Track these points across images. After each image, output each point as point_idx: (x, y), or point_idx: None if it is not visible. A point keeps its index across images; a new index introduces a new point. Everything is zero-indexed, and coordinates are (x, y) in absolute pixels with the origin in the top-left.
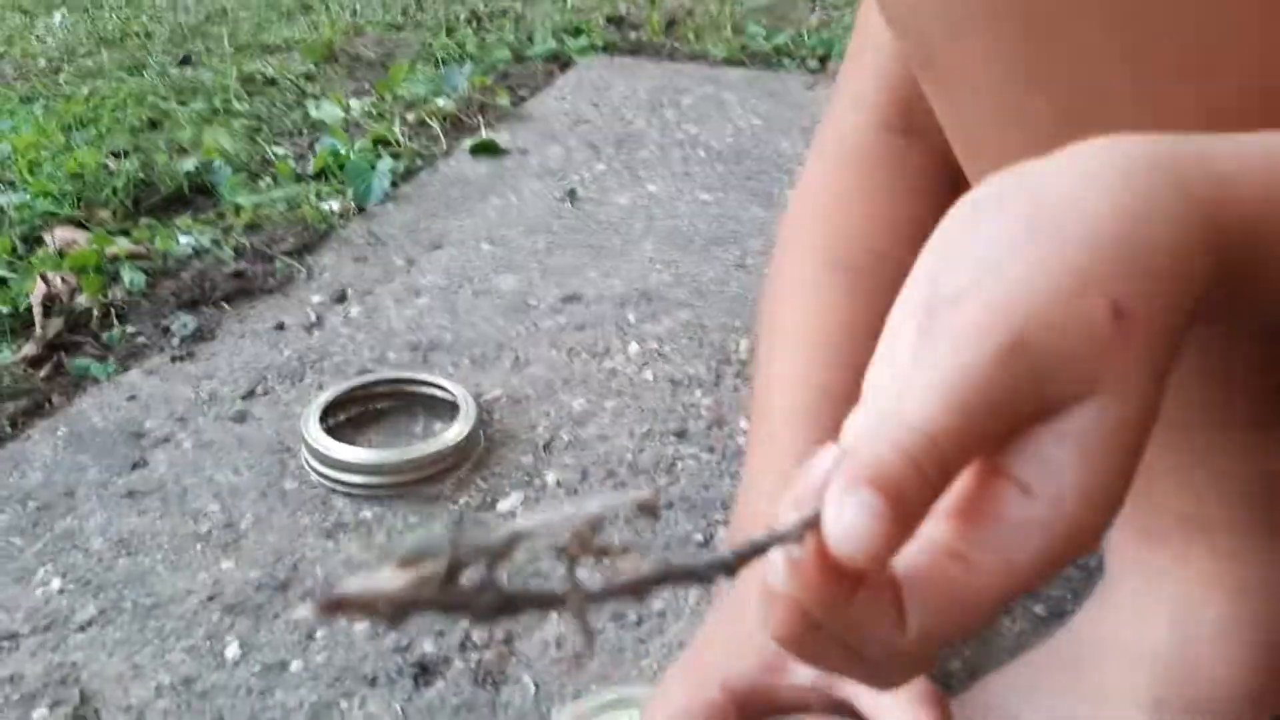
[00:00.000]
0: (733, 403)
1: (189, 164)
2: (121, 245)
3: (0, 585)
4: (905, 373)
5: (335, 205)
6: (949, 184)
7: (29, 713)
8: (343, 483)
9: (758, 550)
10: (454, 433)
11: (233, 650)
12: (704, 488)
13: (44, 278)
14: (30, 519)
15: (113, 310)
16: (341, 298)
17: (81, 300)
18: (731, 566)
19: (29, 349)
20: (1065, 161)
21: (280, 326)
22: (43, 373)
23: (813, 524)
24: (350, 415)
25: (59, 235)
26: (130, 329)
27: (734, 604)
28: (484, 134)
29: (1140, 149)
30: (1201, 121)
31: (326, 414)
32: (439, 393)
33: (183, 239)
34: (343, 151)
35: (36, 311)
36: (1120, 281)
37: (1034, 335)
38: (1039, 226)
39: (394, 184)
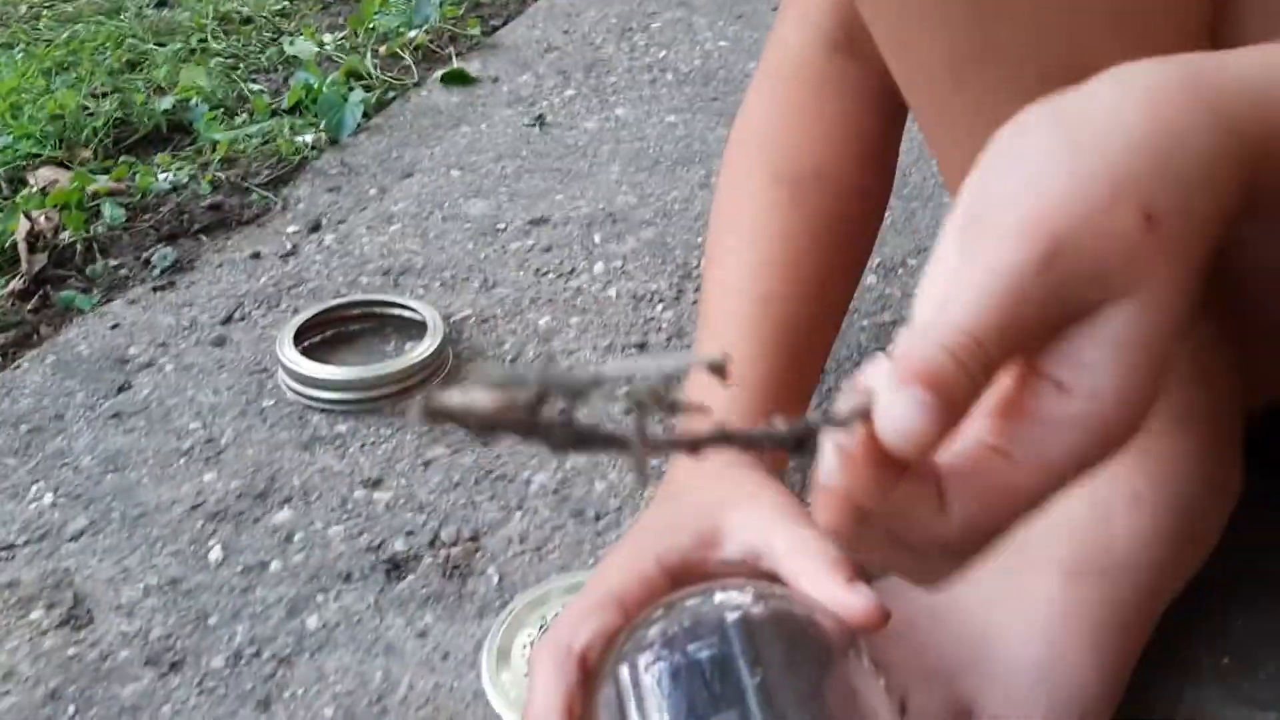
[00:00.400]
0: (692, 315)
1: (166, 103)
2: (102, 183)
3: None
4: (949, 281)
5: (309, 138)
6: (890, 102)
7: (28, 614)
8: (318, 399)
9: (810, 429)
10: (422, 349)
11: (215, 553)
12: None
13: (28, 215)
14: (22, 441)
15: (95, 245)
16: (316, 227)
17: (65, 236)
18: (784, 440)
19: (16, 284)
20: (1101, 85)
21: (256, 256)
22: (30, 305)
23: (862, 414)
24: (324, 336)
25: (41, 175)
26: (112, 262)
27: (669, 493)
28: (455, 64)
29: (1174, 68)
30: (1108, 18)
31: (301, 336)
32: (408, 313)
33: (161, 175)
34: (316, 85)
35: (22, 248)
36: (1154, 191)
37: (1069, 242)
38: (1076, 142)
39: (366, 115)
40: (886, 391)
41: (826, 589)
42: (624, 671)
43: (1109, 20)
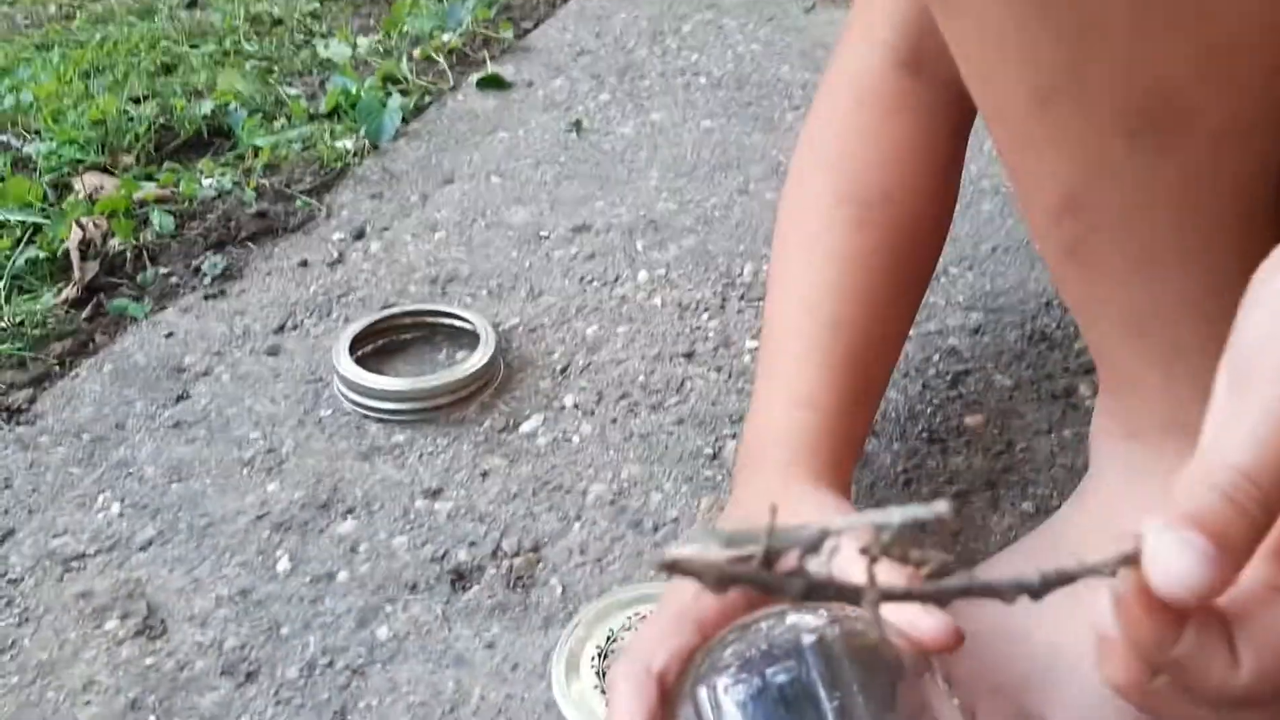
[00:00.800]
0: (738, 324)
1: (205, 107)
2: (148, 189)
3: (64, 511)
4: (1219, 421)
5: (349, 144)
6: (959, 122)
7: (103, 624)
8: (374, 409)
9: (1066, 579)
10: (476, 360)
11: (283, 564)
12: (712, 405)
13: (78, 223)
14: (86, 450)
15: (145, 252)
16: (361, 234)
17: (115, 244)
18: (1036, 591)
19: (69, 292)
20: None
21: (304, 263)
22: (84, 314)
23: (1129, 561)
24: (377, 346)
25: (87, 181)
26: (163, 270)
27: (737, 515)
28: (489, 68)
29: None
30: (1199, 57)
31: (354, 345)
32: (459, 323)
33: (205, 182)
34: (353, 90)
35: (74, 256)
36: None
37: None
38: None
39: (404, 120)
40: (1155, 535)
41: (900, 611)
42: (703, 693)
43: (1200, 58)
